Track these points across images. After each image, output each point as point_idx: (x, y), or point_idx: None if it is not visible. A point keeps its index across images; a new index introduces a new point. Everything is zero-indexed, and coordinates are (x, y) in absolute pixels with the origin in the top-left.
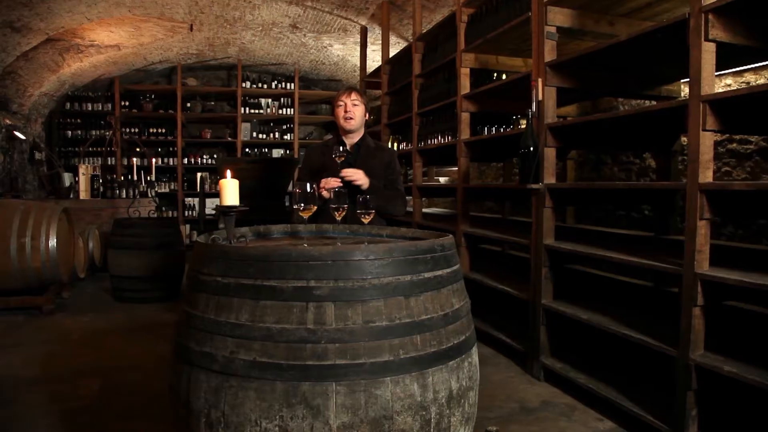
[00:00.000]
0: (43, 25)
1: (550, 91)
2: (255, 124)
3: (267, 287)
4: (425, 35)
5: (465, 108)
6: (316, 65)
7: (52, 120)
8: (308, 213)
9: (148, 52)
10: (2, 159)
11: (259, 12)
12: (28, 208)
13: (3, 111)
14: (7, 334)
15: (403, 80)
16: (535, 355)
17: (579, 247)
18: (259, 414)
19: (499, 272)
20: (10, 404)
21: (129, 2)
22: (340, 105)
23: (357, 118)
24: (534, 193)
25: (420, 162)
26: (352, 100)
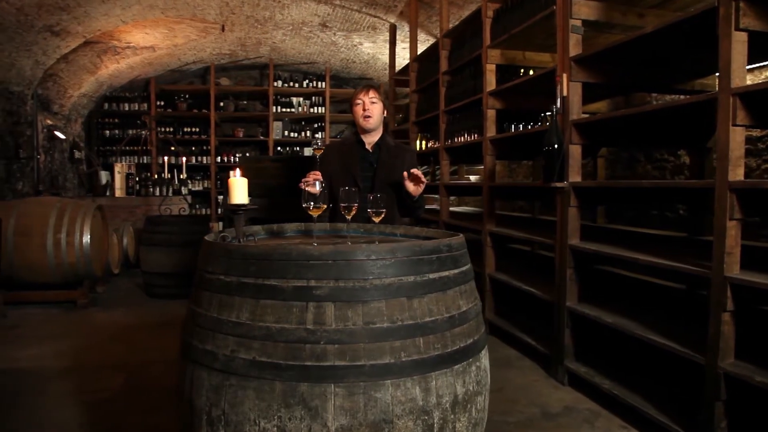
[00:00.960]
0: (81, 29)
1: (576, 86)
2: (287, 123)
3: (267, 286)
4: (452, 31)
5: (491, 105)
6: (347, 64)
7: (92, 120)
8: (318, 212)
9: (182, 53)
10: (43, 158)
11: (288, 11)
12: (63, 206)
13: (45, 112)
14: (43, 326)
15: (430, 78)
16: (559, 359)
17: (604, 247)
18: (257, 413)
19: (526, 272)
20: (38, 394)
21: (162, 4)
22: (358, 103)
23: (375, 116)
24: (558, 192)
25: (447, 160)
26: (370, 98)
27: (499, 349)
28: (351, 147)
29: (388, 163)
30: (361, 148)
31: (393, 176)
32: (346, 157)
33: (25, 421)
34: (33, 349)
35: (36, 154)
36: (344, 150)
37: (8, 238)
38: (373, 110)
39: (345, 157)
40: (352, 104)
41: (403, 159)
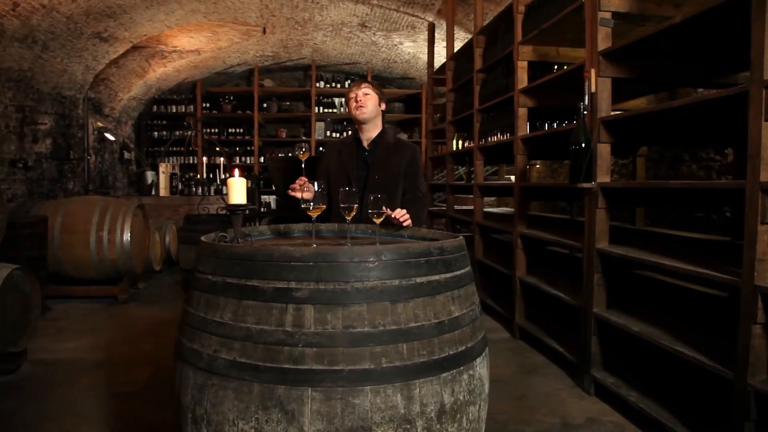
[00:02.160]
0: (127, 34)
1: (604, 82)
2: (329, 123)
3: (249, 287)
4: (486, 29)
5: (522, 103)
6: (389, 64)
7: (141, 122)
8: (317, 212)
9: (226, 56)
10: (94, 159)
11: (327, 12)
12: (106, 204)
13: (96, 115)
14: (84, 320)
15: (465, 76)
16: (585, 367)
17: (632, 251)
18: (236, 414)
19: (560, 276)
20: (69, 385)
21: (204, 9)
22: (352, 98)
23: (368, 106)
24: (586, 193)
25: (481, 160)
26: (362, 90)
27: (527, 355)
28: (349, 146)
29: (383, 162)
30: (358, 147)
31: (389, 175)
32: (344, 156)
33: (53, 410)
34: (71, 342)
35: (86, 155)
36: (342, 149)
37: (55, 235)
38: (365, 101)
39: (342, 157)
40: (347, 101)
41: (402, 156)
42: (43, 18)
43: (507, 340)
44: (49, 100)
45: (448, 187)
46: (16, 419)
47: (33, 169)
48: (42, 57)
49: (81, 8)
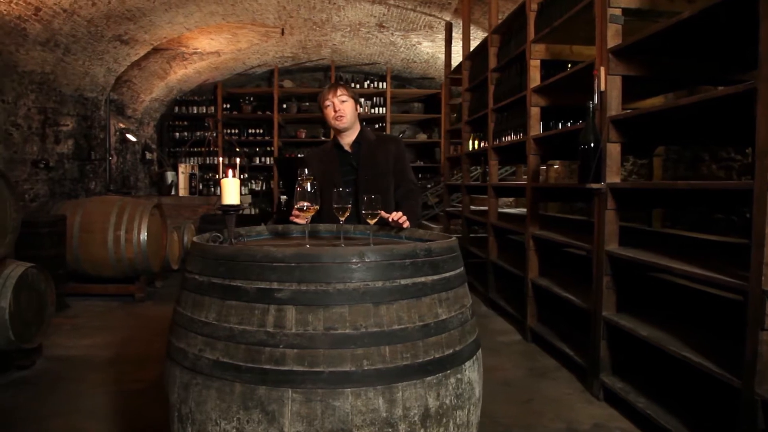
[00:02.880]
0: (147, 37)
1: (614, 80)
2: None
3: (233, 287)
4: (500, 27)
5: (535, 102)
6: (408, 64)
7: (163, 123)
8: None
9: (246, 57)
10: (115, 159)
11: (344, 13)
12: (123, 204)
13: (119, 116)
14: (100, 318)
15: (481, 75)
16: (595, 372)
17: (641, 254)
18: (219, 414)
19: (573, 278)
20: (79, 381)
21: (222, 11)
22: (328, 105)
23: (347, 115)
24: (595, 194)
25: (495, 160)
26: (338, 96)
27: (537, 358)
28: (329, 153)
29: (370, 161)
30: (339, 152)
31: (378, 172)
32: (326, 164)
33: (63, 405)
34: (86, 339)
35: (108, 155)
36: (323, 157)
37: (74, 234)
38: (344, 109)
39: (324, 165)
40: (321, 106)
41: (387, 150)
42: (65, 22)
43: (518, 343)
44: (72, 101)
45: (464, 187)
46: (28, 413)
47: (55, 170)
48: (64, 60)
49: (101, 12)
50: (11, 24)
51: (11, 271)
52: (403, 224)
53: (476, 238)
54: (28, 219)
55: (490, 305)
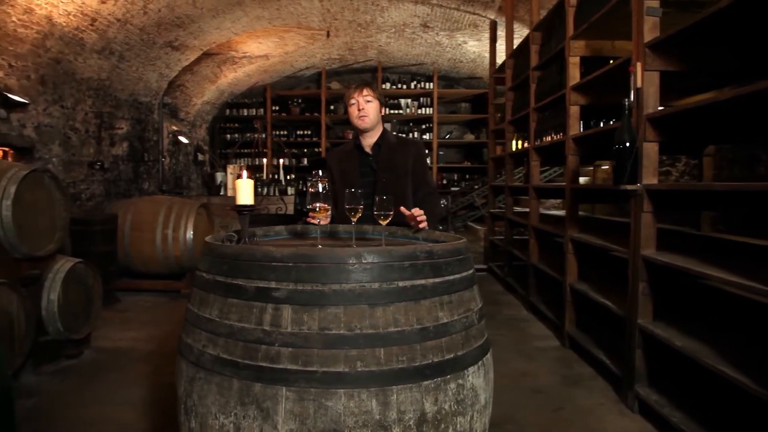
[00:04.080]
0: (197, 42)
1: (651, 76)
2: (395, 124)
3: (234, 285)
4: (541, 24)
5: (574, 101)
6: (455, 63)
7: (215, 125)
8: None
9: (294, 60)
10: (168, 161)
11: (388, 14)
12: (171, 204)
13: (172, 119)
14: (147, 312)
15: (523, 74)
16: (629, 382)
17: (677, 259)
18: (218, 408)
19: (612, 283)
20: (119, 371)
21: (267, 15)
22: (353, 104)
23: (371, 115)
24: (631, 196)
25: (537, 161)
26: (364, 96)
27: (573, 366)
28: (350, 153)
29: (388, 164)
30: (359, 153)
31: (397, 175)
32: (345, 164)
33: (103, 394)
34: (132, 332)
35: (161, 157)
36: (343, 157)
37: (125, 233)
38: (368, 109)
39: (344, 165)
40: (347, 104)
41: (406, 154)
42: (119, 31)
43: (555, 349)
44: (126, 106)
45: (507, 188)
46: (71, 399)
47: (110, 171)
48: (119, 66)
49: (152, 20)
50: (70, 35)
51: (61, 265)
52: (421, 222)
53: (519, 241)
54: (83, 217)
55: (530, 309)
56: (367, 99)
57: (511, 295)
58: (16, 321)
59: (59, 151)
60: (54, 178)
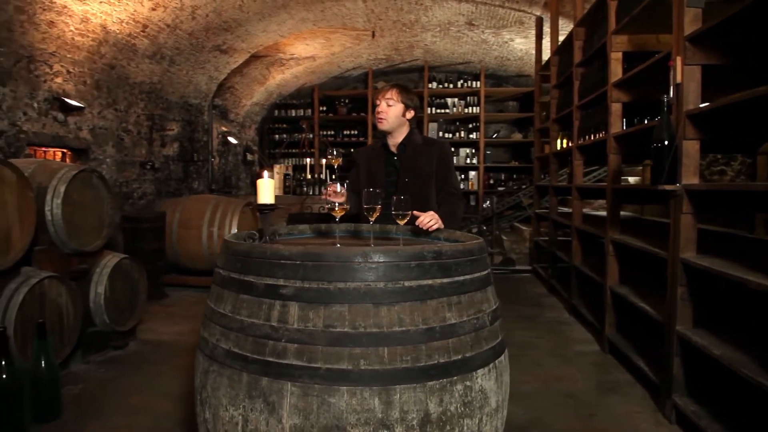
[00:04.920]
0: (245, 45)
1: (692, 70)
2: (441, 124)
3: (246, 282)
4: (584, 19)
5: (615, 98)
6: (502, 61)
7: (264, 125)
8: (341, 212)
9: (341, 60)
10: (218, 161)
11: (432, 13)
12: (217, 203)
13: (223, 120)
14: (192, 307)
15: (567, 71)
16: (667, 391)
17: (717, 263)
18: (228, 400)
19: (654, 287)
20: (160, 363)
21: (312, 17)
22: (377, 104)
23: (389, 118)
24: (670, 196)
25: (580, 160)
26: (386, 99)
27: (611, 371)
28: (377, 152)
29: (412, 164)
30: (385, 152)
31: (419, 176)
32: (371, 163)
33: (143, 384)
34: (176, 326)
35: (210, 157)
36: (371, 156)
37: (173, 230)
38: (387, 111)
39: (370, 163)
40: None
41: (430, 155)
42: (169, 36)
43: (594, 354)
44: (177, 108)
45: (552, 188)
46: (115, 387)
47: (161, 170)
48: (169, 70)
49: (200, 25)
50: (123, 41)
51: (107, 261)
52: (431, 227)
53: (563, 242)
54: (133, 215)
55: (572, 312)
56: (389, 102)
57: (555, 297)
58: (65, 312)
59: (113, 152)
60: (101, 178)
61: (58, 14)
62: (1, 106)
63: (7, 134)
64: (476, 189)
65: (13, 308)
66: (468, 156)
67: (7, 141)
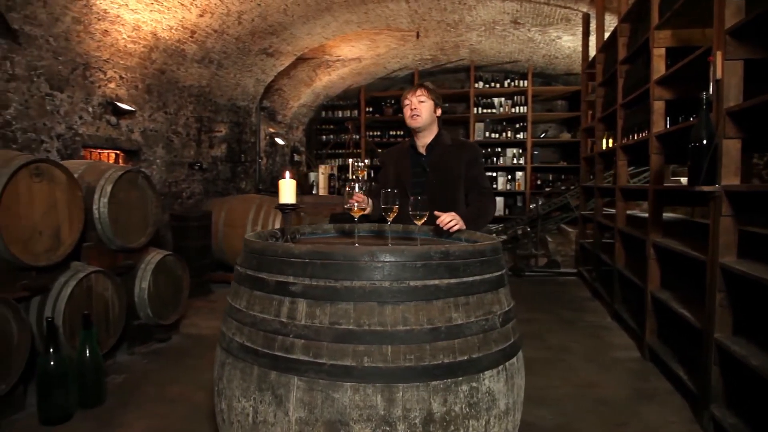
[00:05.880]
0: (290, 48)
1: (733, 65)
2: (488, 124)
3: (259, 279)
4: (628, 15)
5: (658, 95)
6: (550, 60)
7: (311, 126)
8: (359, 213)
9: (386, 61)
10: (265, 161)
11: (476, 12)
12: (261, 202)
13: (271, 122)
14: None
15: (611, 68)
16: (705, 401)
17: (756, 269)
18: (241, 392)
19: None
20: (199, 357)
21: (356, 19)
22: (407, 104)
23: (423, 114)
24: (709, 198)
25: (624, 160)
26: (417, 96)
27: (650, 379)
28: (404, 153)
29: (440, 166)
30: (413, 153)
31: (447, 178)
32: (399, 164)
33: (180, 375)
34: (217, 322)
35: (258, 157)
36: (398, 157)
37: (219, 228)
38: (421, 108)
39: (397, 165)
40: (402, 105)
41: (459, 157)
42: (216, 41)
43: (634, 360)
44: (225, 110)
45: (596, 189)
46: (156, 378)
47: (208, 171)
48: (217, 74)
49: (246, 29)
50: (173, 47)
51: (151, 257)
52: (452, 228)
53: (608, 244)
54: (181, 214)
55: (614, 317)
56: (420, 99)
57: (598, 301)
58: (111, 305)
59: (162, 153)
60: (146, 178)
61: (111, 23)
62: (59, 110)
63: (64, 137)
64: (523, 190)
65: (62, 300)
66: (515, 156)
67: (64, 143)
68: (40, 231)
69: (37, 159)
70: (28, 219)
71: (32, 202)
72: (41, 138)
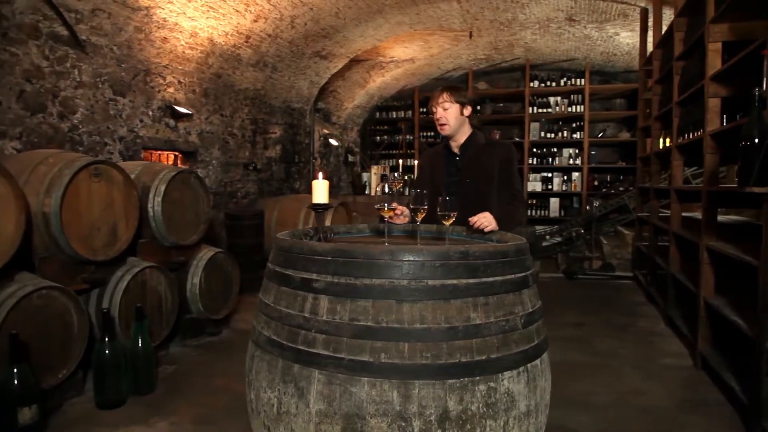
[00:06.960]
0: (343, 50)
1: None
2: (544, 123)
3: (285, 275)
4: (685, 9)
5: (713, 92)
6: (608, 57)
7: (366, 127)
8: (389, 213)
9: (440, 62)
10: (319, 162)
11: (530, 10)
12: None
13: (325, 123)
14: None
15: (668, 65)
16: (756, 414)
17: None
18: (267, 383)
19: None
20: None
21: (408, 20)
22: (434, 112)
23: (450, 122)
24: (763, 200)
25: (679, 160)
26: (441, 104)
27: (699, 389)
28: (439, 154)
29: (473, 165)
30: (447, 153)
31: (481, 177)
32: (434, 164)
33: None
34: None
35: (312, 158)
36: (434, 157)
37: (271, 227)
38: (445, 117)
39: (433, 165)
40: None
41: (493, 156)
42: (270, 45)
43: (685, 369)
44: (279, 112)
45: (652, 190)
46: (204, 369)
47: (263, 171)
48: (272, 77)
49: (299, 33)
50: (228, 52)
51: (203, 254)
52: (486, 228)
53: (663, 247)
54: (235, 213)
55: (668, 323)
56: (444, 106)
57: (652, 306)
58: (164, 299)
59: (218, 155)
60: (198, 178)
61: (170, 31)
62: (122, 114)
63: (125, 139)
64: (579, 190)
65: (118, 293)
66: (571, 156)
67: (125, 145)
68: (99, 228)
69: (96, 160)
70: (88, 216)
71: (91, 201)
72: (105, 141)
